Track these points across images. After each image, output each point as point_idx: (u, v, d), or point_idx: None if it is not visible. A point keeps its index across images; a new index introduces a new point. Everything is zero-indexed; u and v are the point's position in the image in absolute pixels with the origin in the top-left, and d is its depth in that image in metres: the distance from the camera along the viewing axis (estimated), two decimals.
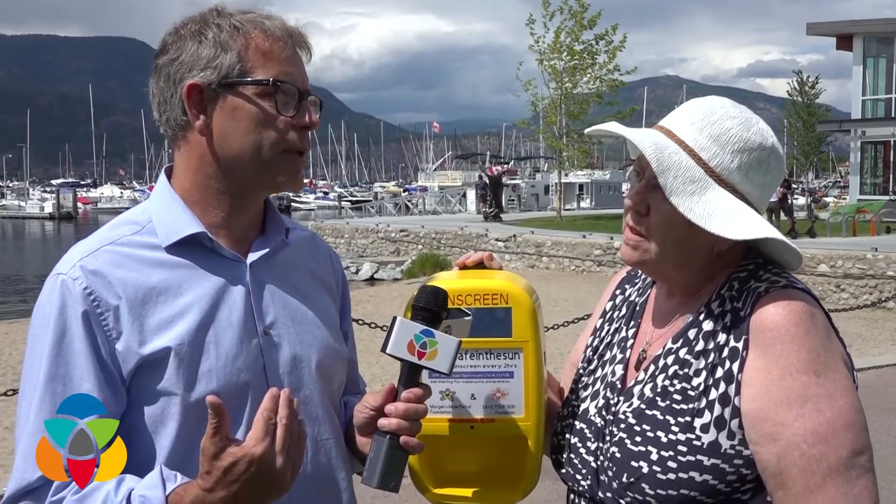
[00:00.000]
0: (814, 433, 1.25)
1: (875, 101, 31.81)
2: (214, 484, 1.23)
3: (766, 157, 1.40)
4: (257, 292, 1.49)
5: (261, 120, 1.43)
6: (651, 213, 1.40)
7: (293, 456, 1.29)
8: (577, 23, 27.41)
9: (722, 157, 1.38)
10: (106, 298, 1.37)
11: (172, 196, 1.48)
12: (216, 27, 1.43)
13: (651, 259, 1.42)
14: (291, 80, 1.44)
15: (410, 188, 76.42)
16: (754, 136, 1.40)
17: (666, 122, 1.45)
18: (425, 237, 23.65)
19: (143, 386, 1.38)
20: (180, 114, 1.44)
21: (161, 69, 1.46)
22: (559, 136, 28.93)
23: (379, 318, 8.89)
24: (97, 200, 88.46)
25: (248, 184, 1.48)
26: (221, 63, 1.42)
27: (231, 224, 1.49)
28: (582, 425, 1.51)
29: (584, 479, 1.47)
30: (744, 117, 1.41)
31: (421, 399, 1.40)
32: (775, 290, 1.34)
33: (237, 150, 1.44)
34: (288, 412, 1.28)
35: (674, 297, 1.49)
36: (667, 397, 1.38)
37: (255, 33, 1.44)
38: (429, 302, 1.39)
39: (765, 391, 1.28)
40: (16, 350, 10.84)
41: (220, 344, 1.42)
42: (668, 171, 1.35)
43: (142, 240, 1.44)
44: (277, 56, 1.44)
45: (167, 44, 1.46)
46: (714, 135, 1.39)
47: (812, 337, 1.29)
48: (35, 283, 23.18)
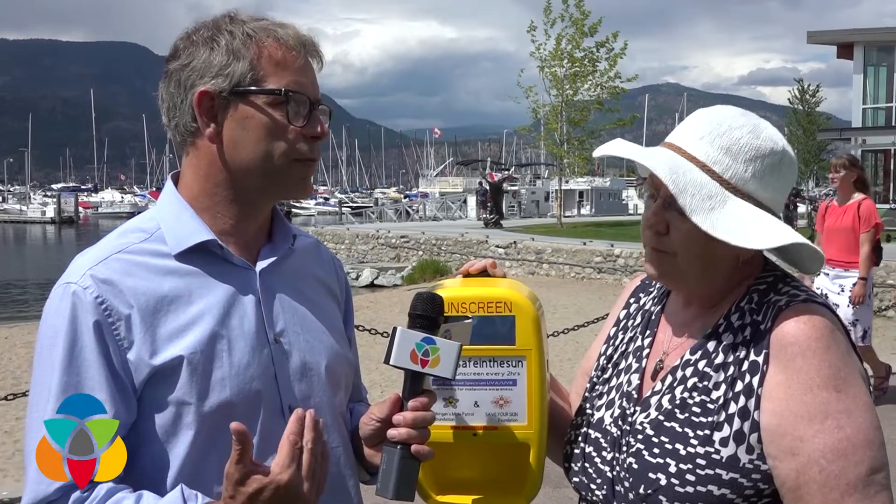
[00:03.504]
0: (833, 449, 1.24)
1: (875, 109, 31.89)
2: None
3: (779, 161, 1.40)
4: (267, 300, 1.48)
5: (271, 129, 1.42)
6: (671, 231, 1.39)
7: (318, 478, 1.28)
8: (578, 30, 27.48)
9: (735, 168, 1.37)
10: (117, 308, 1.36)
11: (181, 203, 1.47)
12: (229, 34, 1.42)
13: (676, 274, 1.42)
14: (303, 90, 1.43)
15: (411, 194, 76.51)
16: (765, 143, 1.39)
17: (674, 138, 1.43)
18: (426, 243, 23.64)
19: (156, 395, 1.37)
20: (190, 120, 1.43)
21: (172, 74, 1.44)
22: (560, 143, 28.96)
23: (379, 325, 8.88)
24: (98, 205, 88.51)
25: (257, 192, 1.47)
26: (233, 71, 1.40)
27: (240, 231, 1.49)
28: (597, 434, 1.51)
29: (600, 488, 1.46)
30: (752, 125, 1.40)
31: (427, 406, 1.40)
32: (796, 304, 1.33)
33: (247, 159, 1.43)
34: (313, 435, 1.27)
35: (691, 306, 1.48)
36: (686, 409, 1.37)
37: (269, 42, 1.43)
38: (426, 309, 1.40)
39: (785, 406, 1.28)
40: (15, 355, 10.81)
41: (233, 352, 1.41)
42: (685, 191, 1.34)
43: (151, 248, 1.43)
44: (290, 65, 1.43)
45: (179, 49, 1.44)
46: (724, 146, 1.38)
47: (833, 352, 1.28)
48: (36, 287, 23.19)
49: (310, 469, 1.26)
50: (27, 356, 10.41)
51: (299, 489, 1.24)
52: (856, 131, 31.92)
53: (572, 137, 28.79)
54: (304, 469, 1.25)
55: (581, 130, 28.89)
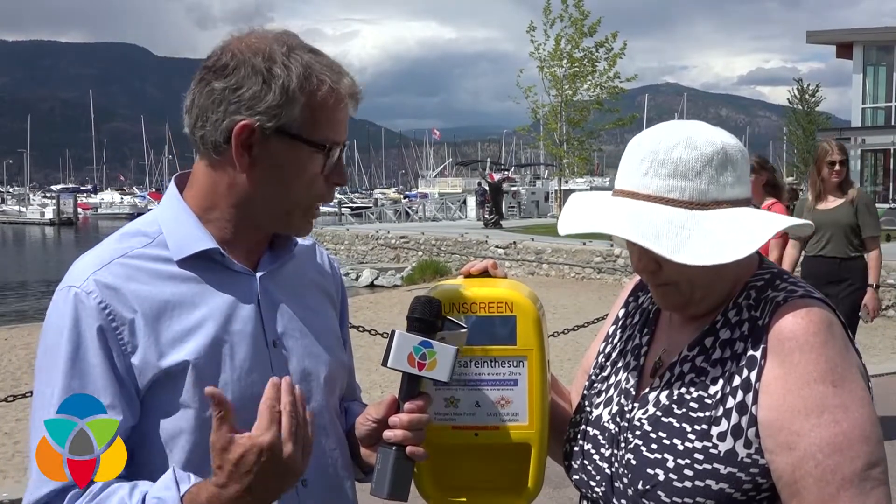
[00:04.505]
0: (830, 444, 1.25)
1: (875, 109, 31.90)
2: (227, 478, 1.23)
3: (724, 157, 1.38)
4: (266, 305, 1.48)
5: (302, 174, 1.41)
6: (664, 267, 1.39)
7: (301, 440, 1.28)
8: (578, 30, 27.54)
9: (691, 186, 1.36)
10: (121, 313, 1.36)
11: (185, 209, 1.46)
12: (284, 69, 1.37)
13: (684, 300, 1.42)
14: (342, 140, 1.44)
15: (411, 195, 76.49)
16: (704, 149, 1.37)
17: (623, 183, 1.42)
18: (425, 244, 23.65)
19: (159, 399, 1.37)
20: (222, 141, 1.39)
21: (215, 92, 1.38)
22: (559, 143, 29.00)
23: (379, 325, 8.88)
24: (97, 206, 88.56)
25: (268, 221, 1.48)
26: (283, 113, 1.37)
27: (242, 239, 1.48)
28: (595, 432, 1.51)
29: (599, 485, 1.47)
30: (685, 137, 1.38)
31: (423, 409, 1.41)
32: (793, 299, 1.34)
33: (271, 194, 1.43)
34: (290, 398, 1.28)
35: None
36: (683, 405, 1.38)
37: (324, 90, 1.39)
38: (423, 312, 1.42)
39: (782, 400, 1.28)
40: (15, 356, 10.81)
41: (235, 357, 1.41)
42: (658, 237, 1.33)
43: (153, 252, 1.43)
44: (338, 118, 1.42)
45: (228, 67, 1.38)
46: (670, 172, 1.37)
47: (830, 347, 1.29)
48: (35, 288, 23.20)
49: (290, 431, 1.26)
50: (27, 357, 10.41)
51: (283, 451, 1.24)
52: (855, 131, 31.91)
53: (572, 137, 28.83)
54: (285, 430, 1.25)
55: (580, 130, 28.95)
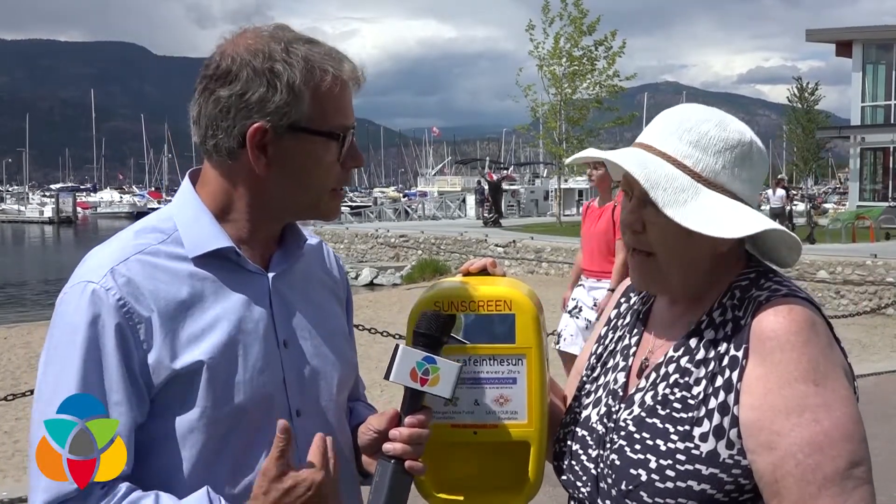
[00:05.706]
0: (810, 443, 1.24)
1: (874, 107, 31.87)
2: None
3: (748, 151, 1.41)
4: (278, 305, 1.48)
5: (320, 165, 1.43)
6: (648, 229, 1.41)
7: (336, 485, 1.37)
8: (577, 29, 27.49)
9: (706, 161, 1.39)
10: (138, 310, 1.35)
11: (200, 207, 1.46)
12: (286, 66, 1.37)
13: (658, 276, 1.43)
14: (352, 125, 1.45)
15: (410, 193, 76.33)
16: (732, 135, 1.40)
17: (643, 138, 1.45)
18: (425, 242, 23.63)
19: (172, 397, 1.37)
20: (236, 146, 1.40)
21: (222, 100, 1.38)
22: (559, 142, 28.97)
23: (378, 324, 8.89)
24: (97, 205, 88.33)
25: (289, 214, 1.49)
26: (292, 110, 1.38)
27: (256, 238, 1.48)
28: (584, 432, 1.52)
29: (585, 486, 1.47)
30: (718, 118, 1.42)
31: (424, 424, 1.42)
32: (776, 298, 1.34)
33: (290, 189, 1.44)
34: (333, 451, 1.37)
35: (676, 305, 1.49)
36: (667, 406, 1.38)
37: (327, 79, 1.40)
38: (430, 328, 1.42)
39: (763, 400, 1.28)
40: (14, 355, 10.80)
41: (248, 357, 1.41)
42: (658, 185, 1.36)
43: (169, 250, 1.42)
44: (344, 104, 1.43)
45: (230, 73, 1.38)
46: (693, 141, 1.40)
47: (812, 346, 1.28)
48: (35, 287, 23.18)
49: (337, 474, 1.34)
50: (26, 356, 10.40)
51: (329, 489, 1.32)
52: (855, 129, 31.89)
53: (571, 136, 28.79)
54: (332, 472, 1.34)
55: (580, 129, 28.90)
